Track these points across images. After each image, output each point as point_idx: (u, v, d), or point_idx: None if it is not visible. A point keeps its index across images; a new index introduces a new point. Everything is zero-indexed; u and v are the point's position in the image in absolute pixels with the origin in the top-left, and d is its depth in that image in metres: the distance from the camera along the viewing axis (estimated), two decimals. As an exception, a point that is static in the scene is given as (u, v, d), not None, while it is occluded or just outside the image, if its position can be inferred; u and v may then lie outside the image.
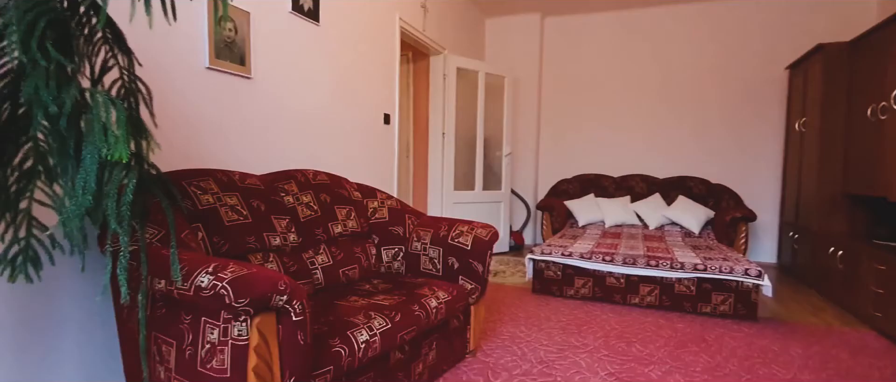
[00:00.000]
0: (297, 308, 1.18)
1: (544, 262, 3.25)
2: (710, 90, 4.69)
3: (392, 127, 3.46)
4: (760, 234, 4.60)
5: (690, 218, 4.05)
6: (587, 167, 5.16)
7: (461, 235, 2.11)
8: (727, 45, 4.61)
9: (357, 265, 2.14)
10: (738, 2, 4.55)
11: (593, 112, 5.13)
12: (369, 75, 3.16)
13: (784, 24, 4.42)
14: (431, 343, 1.86)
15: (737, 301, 2.80)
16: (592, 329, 2.58)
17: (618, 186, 4.70)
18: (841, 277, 3.08)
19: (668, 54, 4.82)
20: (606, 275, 3.07)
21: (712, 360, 2.19)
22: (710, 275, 2.80)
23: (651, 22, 4.86)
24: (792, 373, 2.07)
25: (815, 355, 2.28)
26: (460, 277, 2.08)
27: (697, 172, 4.73)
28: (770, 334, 2.56)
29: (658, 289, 2.95)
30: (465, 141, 4.60)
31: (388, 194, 2.48)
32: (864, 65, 3.20)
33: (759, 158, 4.58)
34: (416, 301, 1.74)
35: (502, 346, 2.31)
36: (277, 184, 2.02)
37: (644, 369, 2.08)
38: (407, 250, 2.27)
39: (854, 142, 3.32)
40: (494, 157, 4.89)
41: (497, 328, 2.57)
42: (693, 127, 4.77)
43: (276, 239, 1.84)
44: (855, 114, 3.30)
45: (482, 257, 2.06)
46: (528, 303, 3.04)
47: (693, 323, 2.71)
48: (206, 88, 2.01)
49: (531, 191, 5.32)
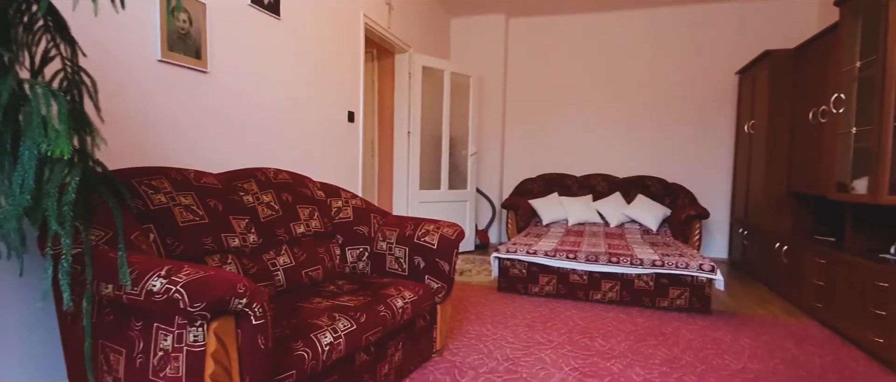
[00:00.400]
0: (257, 311, 1.14)
1: (510, 260, 3.28)
2: (667, 93, 4.87)
3: (356, 125, 3.41)
4: (713, 231, 4.82)
5: (649, 216, 4.19)
6: (551, 166, 5.25)
7: (427, 234, 2.10)
8: (682, 51, 4.81)
9: (321, 266, 2.09)
10: (691, 9, 4.75)
11: (557, 112, 5.23)
12: (333, 72, 3.10)
13: (734, 32, 4.65)
14: (398, 343, 1.84)
15: (692, 295, 2.92)
16: (557, 325, 2.63)
17: (580, 185, 4.81)
18: (786, 271, 3.26)
19: (627, 58, 4.97)
20: (570, 272, 3.14)
21: (670, 353, 2.27)
22: (668, 271, 2.91)
23: (611, 26, 5.00)
24: (742, 363, 2.17)
25: (763, 345, 2.40)
26: (427, 276, 2.07)
27: (655, 172, 4.90)
28: (722, 326, 2.68)
29: (619, 285, 3.04)
30: (430, 140, 4.59)
31: (352, 193, 2.44)
32: (807, 71, 3.41)
33: (711, 159, 4.79)
34: (381, 301, 1.72)
35: (469, 345, 2.31)
36: (236, 183, 1.95)
37: (606, 363, 2.13)
38: (372, 250, 2.24)
39: (797, 144, 3.53)
40: (460, 156, 4.90)
41: (464, 326, 2.57)
42: (651, 128, 4.94)
43: (235, 240, 1.77)
44: (798, 118, 3.51)
45: (448, 256, 2.06)
46: (494, 301, 3.06)
47: (652, 318, 2.80)
48: (158, 82, 1.91)
49: (496, 190, 5.37)
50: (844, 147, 2.76)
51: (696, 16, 4.75)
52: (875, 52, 2.44)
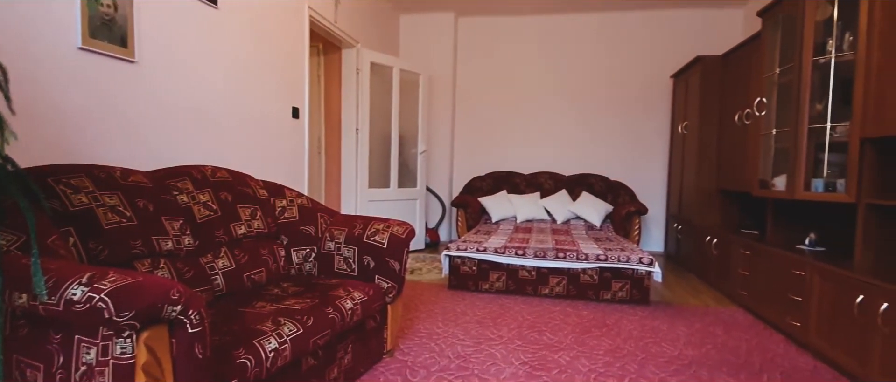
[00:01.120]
0: (193, 318, 1.06)
1: (460, 258, 3.29)
2: (608, 94, 5.09)
3: (301, 121, 3.29)
4: (651, 226, 5.09)
5: (593, 213, 4.35)
6: (500, 164, 5.34)
7: (377, 233, 2.06)
8: (623, 54, 5.03)
9: (264, 268, 2.00)
10: (631, 15, 4.98)
11: (506, 111, 5.32)
12: (276, 66, 2.98)
13: (670, 38, 4.92)
14: (347, 345, 1.79)
15: (632, 287, 3.06)
16: (507, 321, 2.67)
17: (528, 183, 4.91)
18: (715, 263, 3.49)
19: (572, 60, 5.14)
20: (519, 269, 3.19)
21: (613, 343, 2.37)
22: (611, 265, 3.03)
23: (557, 28, 5.15)
24: (678, 350, 2.30)
25: (696, 332, 2.56)
26: (377, 276, 2.03)
27: (598, 170, 5.11)
28: (660, 316, 2.83)
29: (566, 280, 3.13)
30: (379, 137, 4.52)
31: (297, 192, 2.35)
32: (734, 76, 3.66)
33: (649, 157, 5.06)
34: (329, 303, 1.66)
35: (420, 344, 2.29)
36: (169, 182, 1.81)
37: (554, 356, 2.19)
38: (319, 250, 2.17)
39: (725, 144, 3.79)
40: (410, 155, 4.86)
41: (415, 325, 2.55)
42: (594, 127, 5.14)
43: (168, 242, 1.65)
44: (726, 119, 3.77)
45: (399, 255, 2.03)
46: (445, 299, 3.06)
47: (596, 310, 2.91)
48: (78, 72, 1.75)
49: (446, 189, 5.39)
50: (766, 147, 3.00)
51: (635, 22, 4.99)
52: (792, 60, 2.66)
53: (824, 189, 2.46)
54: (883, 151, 2.17)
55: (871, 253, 2.18)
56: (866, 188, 2.18)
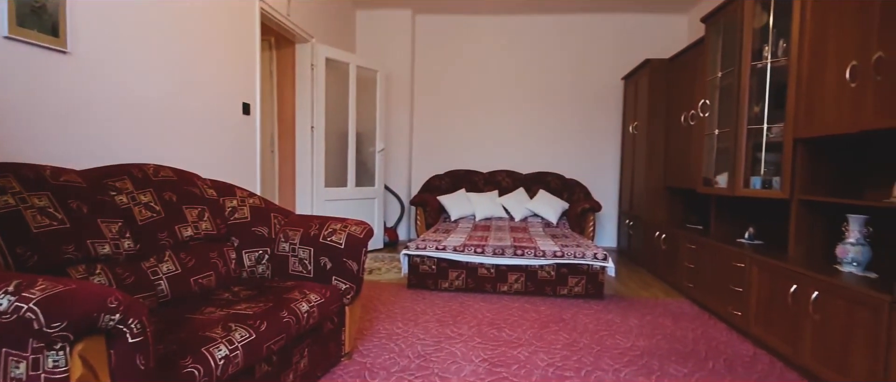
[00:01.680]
0: (134, 327, 0.99)
1: (419, 257, 3.27)
2: (564, 94, 5.22)
3: (253, 117, 3.16)
4: (605, 222, 5.27)
5: (549, 210, 4.45)
6: (458, 163, 5.35)
7: (334, 233, 2.01)
8: (577, 55, 5.17)
9: (213, 272, 1.90)
10: (584, 18, 5.12)
11: (464, 110, 5.34)
12: (225, 59, 2.84)
13: (621, 40, 5.10)
14: (303, 349, 1.73)
15: (588, 282, 3.15)
16: (466, 318, 2.67)
17: (487, 181, 4.96)
18: (664, 256, 3.66)
19: (529, 60, 5.23)
20: (478, 266, 3.21)
21: (570, 337, 2.42)
22: (567, 261, 3.10)
23: (514, 28, 5.22)
24: (631, 341, 2.39)
25: (647, 324, 2.66)
26: (334, 277, 1.98)
27: (555, 168, 5.22)
28: (614, 309, 2.93)
29: (524, 276, 3.18)
30: (336, 135, 4.42)
31: (249, 191, 2.25)
32: (680, 79, 3.84)
33: (603, 156, 5.23)
34: (284, 306, 1.60)
35: (380, 345, 2.26)
36: (106, 182, 1.69)
37: (513, 352, 2.21)
38: (273, 252, 2.09)
39: (672, 144, 3.97)
40: (367, 153, 4.79)
41: (374, 326, 2.51)
42: (550, 126, 5.25)
43: (106, 246, 1.53)
44: (673, 120, 3.95)
45: (357, 255, 1.99)
46: (405, 299, 3.04)
47: (553, 305, 2.97)
48: (5, 63, 1.60)
49: (405, 187, 5.35)
50: (709, 146, 3.16)
51: (588, 24, 5.14)
52: (732, 64, 2.81)
53: (762, 186, 2.62)
54: (813, 151, 2.34)
55: (803, 245, 2.35)
56: (799, 185, 2.35)
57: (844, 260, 2.04)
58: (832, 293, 1.86)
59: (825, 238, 2.32)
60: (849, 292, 1.77)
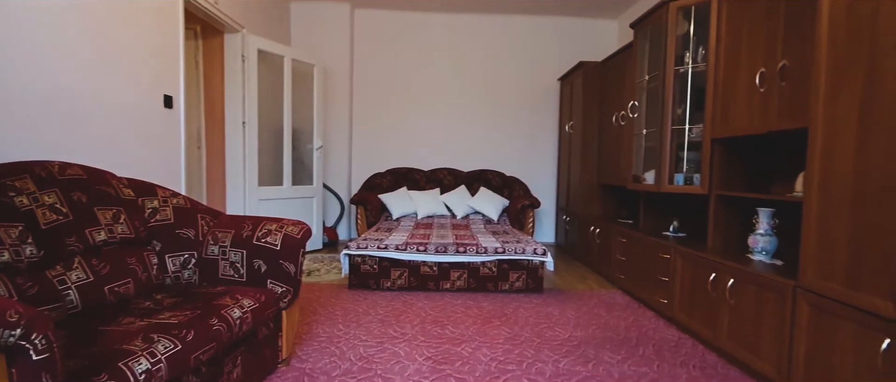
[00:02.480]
0: (38, 343, 0.88)
1: (360, 257, 3.20)
2: (504, 93, 5.31)
3: (176, 111, 2.93)
4: (543, 218, 5.44)
5: (490, 207, 4.52)
6: (400, 161, 5.30)
7: (269, 234, 1.90)
8: (516, 55, 5.29)
9: (131, 279, 1.73)
10: (522, 19, 5.25)
11: (405, 107, 5.29)
12: (144, 48, 2.61)
13: (558, 42, 5.28)
14: (236, 358, 1.62)
15: (528, 277, 3.23)
16: (409, 317, 2.65)
17: (428, 179, 4.95)
18: (598, 250, 3.83)
19: (469, 58, 5.28)
20: (421, 264, 3.19)
21: (511, 331, 2.47)
22: (508, 257, 3.16)
23: (455, 26, 5.24)
24: (569, 332, 2.47)
25: (584, 315, 2.77)
26: (269, 281, 1.88)
27: (495, 166, 5.31)
28: (553, 302, 3.02)
29: (466, 273, 3.20)
30: (270, 132, 4.22)
31: (172, 191, 2.08)
32: (611, 81, 4.04)
33: (541, 154, 5.39)
34: (214, 313, 1.49)
35: (319, 348, 2.17)
36: (3, 181, 1.49)
37: (457, 348, 2.21)
38: (201, 256, 1.94)
39: (605, 143, 4.16)
40: (305, 150, 4.62)
41: (313, 329, 2.42)
42: (491, 125, 5.33)
43: (4, 254, 1.35)
44: (605, 120, 4.14)
45: (294, 256, 1.89)
46: (346, 300, 2.95)
47: (495, 301, 3.01)
48: None
49: (345, 186, 5.21)
50: (637, 145, 3.35)
51: (527, 25, 5.27)
52: (658, 69, 2.99)
53: (684, 182, 2.81)
54: (728, 150, 2.54)
55: (721, 236, 2.54)
56: (716, 181, 2.54)
57: (755, 249, 2.23)
58: (745, 280, 2.03)
59: (739, 229, 2.53)
60: (759, 278, 1.94)
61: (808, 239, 1.72)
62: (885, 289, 1.40)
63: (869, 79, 1.48)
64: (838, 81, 1.60)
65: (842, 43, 1.59)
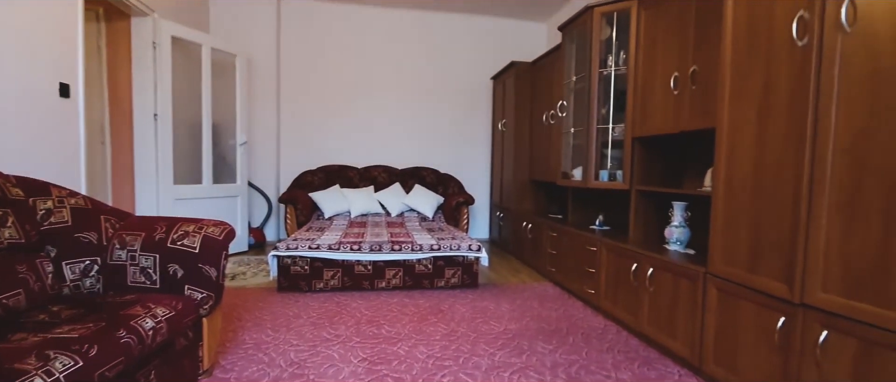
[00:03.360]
0: None
1: (290, 258, 3.05)
2: (438, 90, 5.32)
3: (74, 101, 2.62)
4: (477, 215, 5.52)
5: (425, 205, 4.51)
6: (332, 158, 5.13)
7: (186, 237, 1.75)
8: (451, 53, 5.31)
9: (22, 289, 1.52)
10: (458, 16, 5.28)
11: (338, 103, 5.12)
12: (34, 30, 2.30)
13: (491, 41, 5.37)
14: (149, 372, 1.47)
15: (463, 273, 3.26)
16: (344, 319, 2.57)
17: (362, 177, 4.84)
18: (530, 244, 3.95)
19: (405, 54, 5.22)
20: (355, 264, 3.11)
21: (448, 327, 2.47)
22: (443, 254, 3.17)
23: (389, 22, 5.16)
24: (504, 325, 2.53)
25: (518, 308, 2.85)
26: (187, 286, 1.73)
27: (430, 163, 5.31)
28: (488, 296, 3.07)
29: (402, 271, 3.17)
30: (187, 126, 3.91)
31: (70, 190, 1.86)
32: (541, 81, 4.18)
33: (475, 151, 5.46)
34: (122, 324, 1.34)
35: (246, 356, 2.04)
36: None
37: (393, 348, 2.18)
38: (105, 261, 1.75)
39: (535, 141, 4.30)
40: (227, 146, 4.33)
41: (239, 336, 2.27)
42: (426, 122, 5.32)
43: None
44: (536, 119, 4.28)
45: (215, 260, 1.76)
46: (275, 304, 2.80)
47: (432, 298, 3.01)
48: None
49: (273, 184, 4.96)
50: (566, 143, 3.49)
51: (461, 24, 5.31)
52: (585, 71, 3.13)
53: (608, 179, 2.97)
54: (647, 148, 2.71)
55: (641, 229, 2.71)
56: (636, 177, 2.71)
57: (671, 240, 2.41)
58: (663, 268, 2.18)
59: (657, 222, 2.72)
60: (674, 267, 2.10)
61: (715, 230, 1.87)
62: (779, 273, 1.56)
63: (765, 83, 1.64)
64: (740, 85, 1.76)
65: (743, 50, 1.75)
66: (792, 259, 1.51)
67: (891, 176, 1.24)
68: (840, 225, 1.37)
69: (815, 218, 1.44)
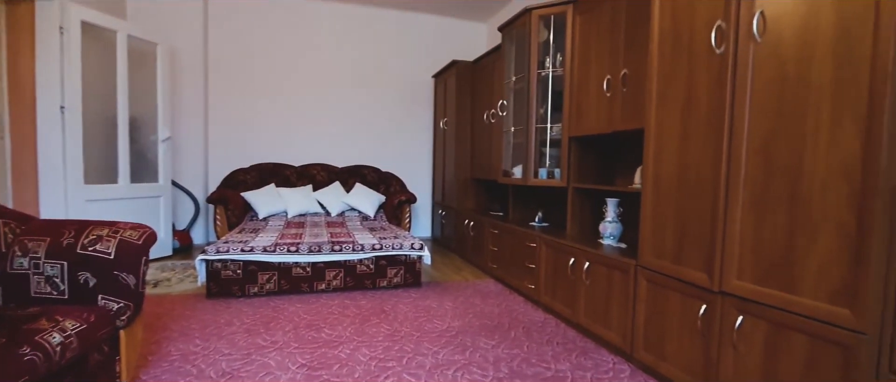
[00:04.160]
0: None
1: (221, 261, 2.88)
2: (379, 88, 5.23)
3: (-35, 90, 2.30)
4: (420, 213, 5.50)
5: (367, 204, 4.42)
6: (266, 156, 4.89)
7: (99, 241, 1.59)
8: (392, 49, 5.24)
9: None
10: (398, 14, 5.22)
11: (273, 99, 4.89)
12: None
13: (432, 39, 5.36)
14: (56, 395, 1.32)
15: (406, 272, 3.23)
16: (281, 323, 2.45)
17: (299, 175, 4.66)
18: (472, 242, 4.00)
19: (344, 50, 5.08)
20: (293, 266, 2.99)
21: (391, 327, 2.44)
22: (386, 253, 3.12)
23: (327, 16, 5.00)
24: (447, 323, 2.53)
25: (460, 305, 2.86)
26: (101, 296, 1.57)
27: (371, 161, 5.21)
28: (431, 294, 3.07)
29: (343, 272, 3.08)
30: (100, 119, 3.57)
31: (-42, 190, 1.62)
32: (482, 80, 4.23)
33: (417, 150, 5.44)
34: (25, 341, 1.20)
35: (172, 369, 1.89)
36: None
37: (334, 351, 2.11)
38: (4, 271, 1.55)
39: (477, 139, 4.36)
40: (148, 142, 4.01)
41: (163, 348, 2.10)
42: (366, 119, 5.21)
43: None
44: (477, 117, 4.33)
45: (134, 266, 1.61)
46: (204, 311, 2.63)
47: (374, 298, 2.95)
48: None
49: (200, 183, 4.65)
50: (506, 142, 3.56)
51: (401, 21, 5.25)
52: (524, 71, 3.21)
53: (547, 176, 3.07)
54: (582, 147, 2.83)
55: (577, 225, 2.83)
56: (573, 175, 2.81)
57: (605, 235, 2.53)
58: (598, 262, 2.28)
59: (592, 218, 2.84)
60: (608, 260, 2.20)
61: (645, 224, 1.99)
62: (701, 264, 1.69)
63: (688, 88, 1.76)
64: (666, 89, 1.88)
65: (668, 56, 1.87)
66: (711, 250, 1.64)
67: (794, 173, 1.37)
68: (752, 218, 1.50)
69: (731, 212, 1.57)
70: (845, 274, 1.24)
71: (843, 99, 1.25)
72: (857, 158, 1.22)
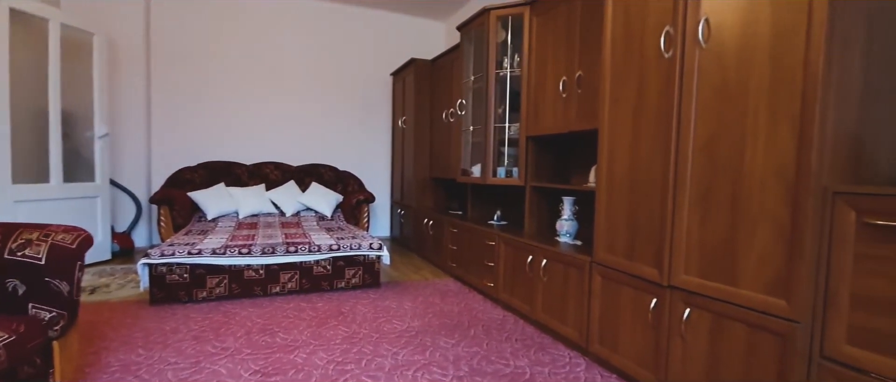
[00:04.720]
0: None
1: (166, 265, 2.72)
2: (337, 85, 5.12)
3: None
4: (379, 213, 5.43)
5: (323, 203, 4.32)
6: (215, 154, 4.67)
7: (28, 246, 1.46)
8: (350, 46, 5.14)
9: None
10: (355, 10, 5.13)
11: (222, 95, 4.68)
12: None
13: (391, 37, 5.30)
14: (-24, 415, 1.20)
15: (364, 272, 3.18)
16: (232, 329, 2.35)
17: (252, 174, 4.49)
18: (431, 241, 3.99)
19: (299, 45, 4.93)
20: (244, 269, 2.87)
21: (349, 329, 2.39)
22: (343, 253, 3.06)
23: (281, 8, 4.84)
24: (407, 323, 2.51)
25: (420, 304, 2.85)
26: (31, 305, 1.44)
27: (327, 160, 5.10)
28: (390, 295, 3.04)
29: (298, 274, 2.99)
30: (29, 115, 3.29)
31: None
32: (441, 79, 4.23)
33: (375, 148, 5.37)
34: (-65, 359, 1.08)
35: (112, 380, 1.77)
36: None
37: (290, 356, 2.05)
38: (-89, 280, 1.39)
39: (436, 138, 4.35)
40: (83, 139, 3.73)
41: (102, 359, 1.96)
42: (323, 117, 5.09)
43: None
44: (436, 116, 4.33)
45: (67, 272, 1.49)
46: (147, 318, 2.48)
47: (331, 300, 2.89)
48: None
49: (143, 183, 4.39)
50: (465, 141, 3.58)
51: (358, 16, 5.16)
52: (482, 71, 3.23)
53: (505, 175, 3.10)
54: (539, 146, 2.88)
55: (535, 223, 2.88)
56: (530, 174, 2.86)
57: (561, 232, 2.59)
58: (554, 259, 2.33)
59: (550, 216, 2.90)
60: (565, 257, 2.25)
61: (599, 222, 2.05)
62: (651, 259, 1.76)
63: (639, 90, 1.83)
64: (618, 89, 1.94)
65: (620, 59, 1.93)
66: (661, 246, 1.71)
67: (736, 173, 1.45)
68: (698, 215, 1.58)
69: (678, 209, 1.64)
70: (781, 267, 1.33)
71: (779, 102, 1.34)
72: (792, 159, 1.30)
